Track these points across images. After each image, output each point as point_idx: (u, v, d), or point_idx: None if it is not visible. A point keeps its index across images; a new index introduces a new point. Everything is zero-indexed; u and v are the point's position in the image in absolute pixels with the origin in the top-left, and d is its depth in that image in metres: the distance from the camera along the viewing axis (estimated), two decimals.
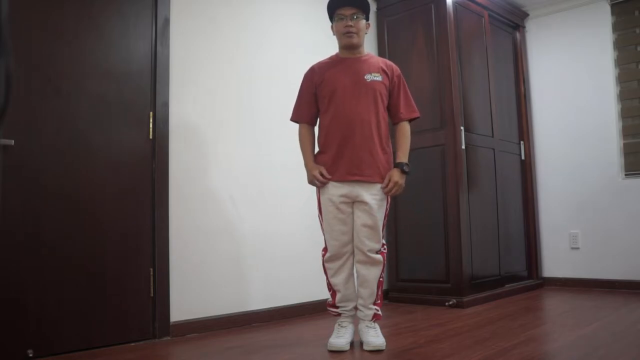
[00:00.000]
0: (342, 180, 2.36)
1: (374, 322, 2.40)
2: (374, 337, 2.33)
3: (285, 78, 3.37)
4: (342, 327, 2.42)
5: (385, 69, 2.45)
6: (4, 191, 2.24)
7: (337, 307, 2.45)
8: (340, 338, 2.36)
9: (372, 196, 2.36)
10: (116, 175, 2.60)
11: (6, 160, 2.26)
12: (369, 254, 2.36)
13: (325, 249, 2.46)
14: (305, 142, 2.50)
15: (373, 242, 2.36)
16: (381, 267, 2.39)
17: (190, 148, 2.92)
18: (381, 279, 2.41)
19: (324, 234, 2.45)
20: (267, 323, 3.09)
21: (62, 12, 2.49)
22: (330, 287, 2.47)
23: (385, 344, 2.32)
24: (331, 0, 2.42)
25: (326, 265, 2.45)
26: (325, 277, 2.49)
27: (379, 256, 2.38)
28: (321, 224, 2.46)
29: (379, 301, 2.42)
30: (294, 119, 2.55)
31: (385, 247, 2.45)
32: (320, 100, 2.46)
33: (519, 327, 2.74)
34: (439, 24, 3.75)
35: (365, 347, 2.32)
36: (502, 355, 2.12)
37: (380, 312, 2.42)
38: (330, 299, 2.48)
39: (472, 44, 3.97)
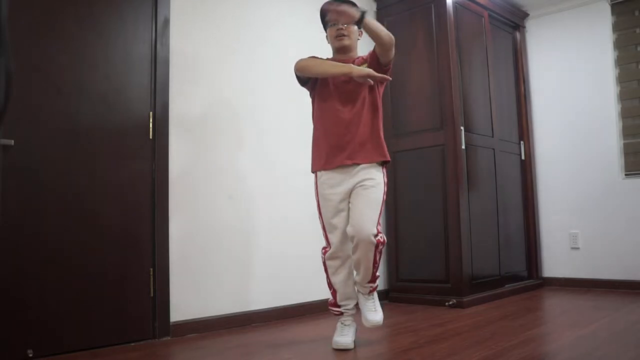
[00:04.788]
0: (341, 164, 2.38)
1: (371, 294, 2.44)
2: (372, 312, 2.38)
3: (285, 77, 3.37)
4: (345, 325, 2.45)
5: (368, 56, 2.48)
6: (4, 191, 2.24)
7: (338, 307, 2.47)
8: (345, 336, 2.39)
9: (369, 180, 2.36)
10: (116, 175, 2.60)
11: (6, 160, 2.26)
12: (370, 238, 2.25)
13: (325, 248, 2.48)
14: (316, 60, 2.43)
15: (369, 224, 2.27)
16: (374, 250, 2.28)
17: (190, 148, 2.92)
18: (376, 264, 2.33)
19: (323, 232, 2.47)
20: (267, 323, 3.09)
21: (62, 12, 2.49)
22: (330, 285, 2.49)
23: (382, 318, 2.39)
24: (323, 8, 2.51)
25: (327, 263, 2.46)
26: (325, 276, 2.50)
27: (373, 239, 2.26)
28: (321, 222, 2.48)
29: (374, 278, 2.38)
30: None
31: (382, 235, 2.32)
32: (315, 98, 2.53)
33: (519, 327, 2.74)
34: (439, 24, 3.75)
35: (364, 323, 2.40)
36: (502, 355, 2.12)
37: (376, 284, 2.43)
38: (332, 299, 2.50)
39: (472, 44, 3.97)
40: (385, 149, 2.45)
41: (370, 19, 2.34)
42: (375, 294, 2.46)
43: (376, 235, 2.29)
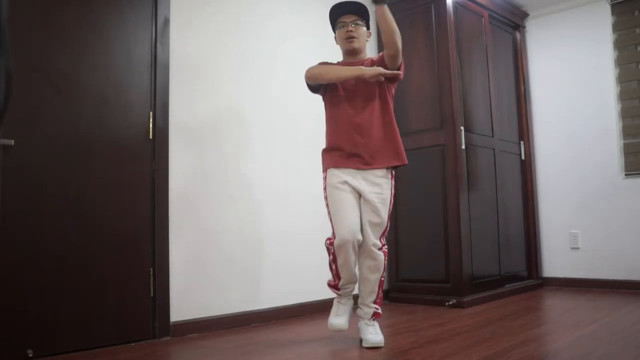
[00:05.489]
0: (355, 168, 2.40)
1: (373, 320, 2.44)
2: (373, 335, 2.38)
3: (286, 76, 3.37)
4: (341, 304, 2.49)
5: (377, 59, 2.47)
6: (4, 191, 2.24)
7: (339, 289, 2.49)
8: (340, 317, 2.43)
9: (377, 195, 2.39)
10: (116, 175, 2.60)
11: (6, 160, 2.26)
12: (372, 248, 2.38)
13: (330, 239, 2.46)
14: (326, 66, 2.46)
15: (375, 238, 2.40)
16: (382, 267, 2.42)
17: (190, 148, 2.92)
18: (382, 279, 2.44)
19: (331, 222, 2.42)
20: (267, 323, 3.09)
21: (62, 12, 2.49)
22: (335, 272, 2.45)
23: (383, 341, 2.37)
24: (332, 10, 2.52)
25: (336, 251, 2.39)
26: (329, 262, 2.47)
27: (380, 253, 2.41)
28: (329, 213, 2.43)
29: (378, 300, 2.46)
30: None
31: (386, 247, 2.47)
32: (326, 104, 2.54)
33: (519, 327, 2.74)
34: (439, 24, 3.75)
35: (364, 344, 2.37)
36: (502, 355, 2.12)
37: (379, 311, 2.46)
38: (333, 281, 2.50)
39: (472, 44, 3.97)
40: (402, 150, 2.45)
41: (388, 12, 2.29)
42: (377, 323, 2.46)
43: (380, 248, 2.41)
